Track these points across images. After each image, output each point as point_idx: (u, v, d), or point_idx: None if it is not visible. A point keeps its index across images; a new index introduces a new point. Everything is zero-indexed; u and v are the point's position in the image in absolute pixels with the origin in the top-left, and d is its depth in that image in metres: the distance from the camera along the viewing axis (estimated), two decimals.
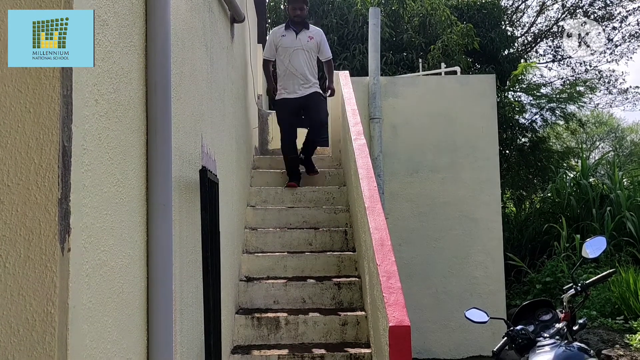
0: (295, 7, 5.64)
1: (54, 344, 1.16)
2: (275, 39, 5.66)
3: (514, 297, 7.85)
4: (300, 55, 5.52)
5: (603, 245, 3.12)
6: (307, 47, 5.57)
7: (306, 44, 5.57)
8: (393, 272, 3.41)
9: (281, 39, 5.60)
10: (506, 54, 12.20)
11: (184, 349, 2.35)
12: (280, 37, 5.61)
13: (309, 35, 5.60)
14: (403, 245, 6.36)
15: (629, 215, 8.02)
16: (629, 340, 5.17)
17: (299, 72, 5.51)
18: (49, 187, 1.18)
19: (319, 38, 5.64)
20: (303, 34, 5.60)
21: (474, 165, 6.63)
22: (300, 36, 5.57)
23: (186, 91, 2.49)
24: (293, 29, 5.59)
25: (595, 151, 22.65)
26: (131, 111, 1.69)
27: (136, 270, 1.71)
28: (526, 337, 2.84)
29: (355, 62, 10.16)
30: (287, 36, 5.58)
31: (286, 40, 5.57)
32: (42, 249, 1.17)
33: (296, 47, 5.53)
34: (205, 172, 2.53)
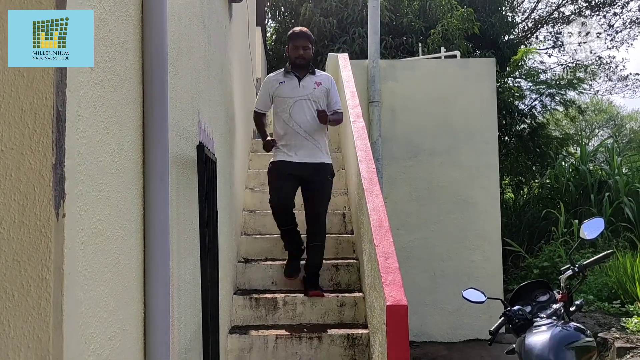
0: (297, 45, 4.36)
1: (49, 310, 1.16)
2: (270, 87, 4.39)
3: (512, 282, 7.89)
4: (305, 107, 4.26)
5: (601, 226, 3.12)
6: (313, 97, 4.29)
7: (312, 92, 4.29)
8: (391, 253, 3.41)
9: (279, 87, 4.34)
10: (506, 40, 12.14)
11: (182, 325, 2.35)
12: (278, 85, 4.36)
13: (315, 82, 4.35)
14: (401, 229, 6.37)
15: (627, 200, 8.05)
16: (625, 323, 5.20)
17: (303, 129, 4.23)
18: (43, 152, 1.17)
19: (328, 84, 4.40)
20: (308, 80, 4.35)
21: (473, 149, 6.63)
22: (305, 83, 4.32)
23: (183, 67, 2.47)
24: (294, 75, 4.36)
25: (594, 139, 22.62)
26: (127, 82, 1.67)
27: (133, 242, 1.70)
28: (523, 318, 2.85)
29: (355, 45, 10.10)
30: (287, 83, 4.34)
31: (285, 89, 4.32)
32: (36, 214, 1.16)
33: (299, 96, 4.27)
34: (203, 147, 2.52)
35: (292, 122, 4.22)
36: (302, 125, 4.22)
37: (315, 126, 4.23)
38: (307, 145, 4.22)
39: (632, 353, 4.35)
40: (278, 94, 4.32)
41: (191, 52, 2.70)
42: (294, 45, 4.37)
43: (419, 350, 5.95)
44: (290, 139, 4.24)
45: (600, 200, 8.40)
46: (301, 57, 4.33)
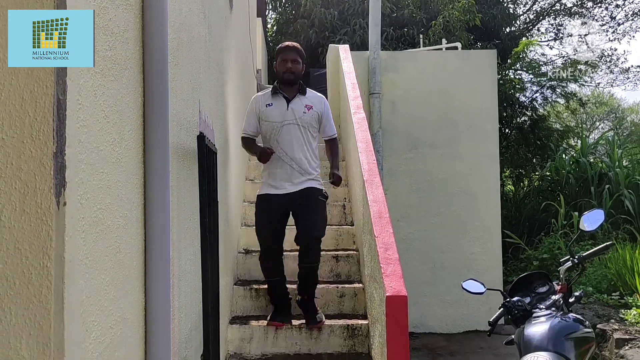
0: (286, 58, 3.88)
1: (50, 297, 1.16)
2: (257, 108, 3.93)
3: (511, 273, 7.91)
4: (294, 132, 3.82)
5: (601, 218, 3.12)
6: (303, 121, 3.86)
7: (302, 116, 3.86)
8: (391, 244, 3.42)
9: (266, 110, 3.89)
10: (508, 32, 12.11)
11: (182, 314, 2.36)
12: (265, 108, 3.90)
13: (306, 104, 3.90)
14: (401, 221, 6.38)
15: (627, 193, 8.05)
16: (624, 315, 5.21)
17: (290, 157, 3.80)
18: (43, 141, 1.17)
19: (321, 108, 3.95)
20: (297, 101, 3.89)
21: (473, 141, 6.63)
22: (294, 105, 3.87)
23: (184, 57, 2.46)
24: (283, 95, 3.89)
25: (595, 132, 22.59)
26: (127, 71, 1.67)
27: (133, 231, 1.71)
28: (522, 309, 2.85)
29: (356, 37, 10.07)
30: (275, 106, 3.88)
31: (273, 112, 3.86)
32: (37, 202, 1.16)
33: (287, 121, 3.83)
34: (203, 138, 2.52)
35: (278, 148, 3.81)
36: (288, 153, 3.79)
37: (303, 153, 3.82)
38: (294, 175, 3.80)
39: (630, 344, 4.37)
40: (265, 117, 3.88)
41: (192, 42, 2.69)
42: (282, 59, 3.89)
43: (418, 341, 5.97)
44: (275, 167, 3.82)
45: (601, 192, 8.40)
46: (289, 71, 3.84)
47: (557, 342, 2.57)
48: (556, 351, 2.51)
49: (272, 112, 3.86)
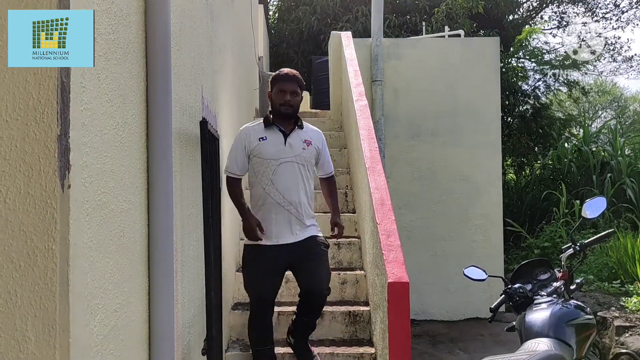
0: (284, 89, 3.29)
1: (55, 280, 1.17)
2: (247, 142, 3.31)
3: (512, 262, 7.92)
4: (291, 172, 3.27)
5: (603, 205, 3.11)
6: (302, 159, 3.31)
7: (301, 153, 3.30)
8: (393, 231, 3.43)
9: (259, 145, 3.27)
10: (511, 19, 12.03)
11: (185, 300, 2.37)
12: (258, 142, 3.28)
13: (305, 139, 3.36)
14: (403, 209, 6.38)
15: (629, 181, 8.04)
16: (625, 303, 5.22)
17: (288, 201, 3.24)
18: (47, 123, 1.17)
19: (319, 144, 3.44)
20: (296, 136, 3.34)
21: (475, 129, 6.61)
22: (292, 140, 3.31)
23: (186, 43, 2.45)
24: (279, 129, 3.31)
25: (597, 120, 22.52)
26: (130, 55, 1.66)
27: (137, 216, 1.71)
28: (523, 295, 2.86)
29: (358, 24, 10.02)
30: (270, 140, 3.28)
31: (268, 148, 3.27)
32: (42, 185, 1.17)
33: (285, 158, 3.26)
34: (206, 123, 2.51)
35: (273, 190, 3.22)
36: (285, 196, 3.22)
37: (301, 196, 3.26)
38: (293, 222, 3.24)
39: (630, 332, 4.39)
40: (258, 153, 3.26)
41: (194, 28, 2.68)
42: (280, 89, 3.29)
43: (419, 328, 6.00)
44: (269, 212, 3.23)
45: (602, 181, 8.39)
46: (288, 104, 3.27)
47: (558, 328, 2.58)
48: (557, 337, 2.52)
49: (267, 147, 3.26)
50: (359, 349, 3.67)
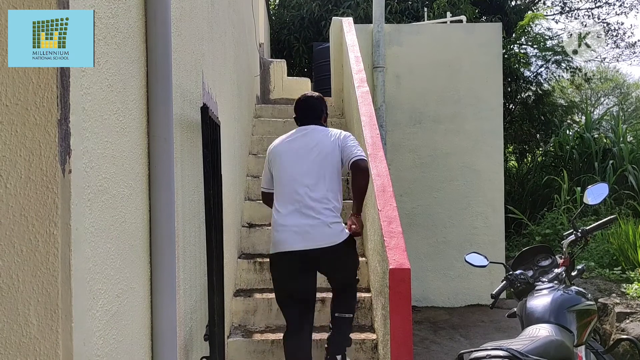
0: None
1: (57, 265, 1.17)
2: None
3: (513, 248, 7.93)
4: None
5: (605, 192, 3.11)
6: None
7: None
8: (394, 217, 3.43)
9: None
10: (513, 5, 11.94)
11: (187, 286, 2.38)
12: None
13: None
14: (404, 196, 6.38)
15: (630, 168, 8.02)
16: (626, 289, 5.23)
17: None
18: (47, 108, 1.16)
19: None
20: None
21: (477, 116, 6.58)
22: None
23: (186, 28, 2.43)
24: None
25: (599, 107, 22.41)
26: (130, 40, 1.65)
27: (138, 201, 1.71)
28: (525, 282, 2.86)
29: (359, 10, 9.94)
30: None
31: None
32: (42, 170, 1.16)
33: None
34: (207, 109, 2.50)
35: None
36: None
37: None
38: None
39: (631, 318, 4.40)
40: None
41: (194, 12, 2.66)
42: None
43: (421, 314, 6.03)
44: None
45: (604, 168, 8.37)
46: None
47: (559, 314, 2.58)
48: (558, 323, 2.53)
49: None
50: (361, 335, 3.69)
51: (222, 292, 2.99)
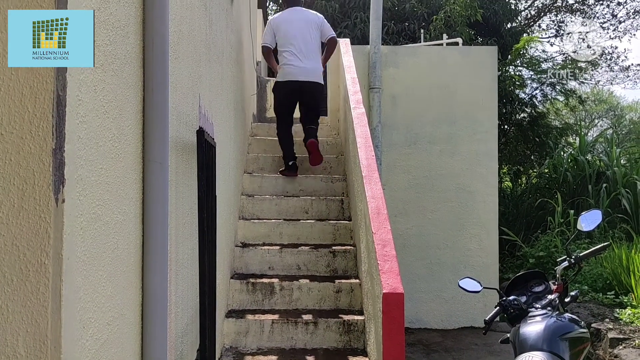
0: None
1: (47, 295, 1.16)
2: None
3: (507, 270, 7.93)
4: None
5: (598, 218, 3.11)
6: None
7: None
8: (388, 241, 3.42)
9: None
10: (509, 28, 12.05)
11: (179, 309, 2.36)
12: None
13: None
14: (399, 217, 6.38)
15: (624, 192, 8.06)
16: (619, 314, 5.23)
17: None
18: (43, 137, 1.16)
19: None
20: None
21: (472, 138, 6.61)
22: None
23: (184, 51, 2.45)
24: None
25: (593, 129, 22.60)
26: (128, 66, 1.65)
27: (131, 227, 1.70)
28: (518, 307, 2.86)
29: (357, 31, 10.03)
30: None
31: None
32: (36, 199, 1.16)
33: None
34: (203, 132, 2.50)
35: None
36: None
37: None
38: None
39: (624, 344, 4.39)
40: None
41: (192, 35, 2.67)
42: None
43: (413, 336, 5.99)
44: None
45: (598, 191, 8.41)
46: None
47: (552, 342, 2.57)
48: (551, 351, 2.52)
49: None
50: (353, 359, 3.66)
51: (213, 315, 2.97)
